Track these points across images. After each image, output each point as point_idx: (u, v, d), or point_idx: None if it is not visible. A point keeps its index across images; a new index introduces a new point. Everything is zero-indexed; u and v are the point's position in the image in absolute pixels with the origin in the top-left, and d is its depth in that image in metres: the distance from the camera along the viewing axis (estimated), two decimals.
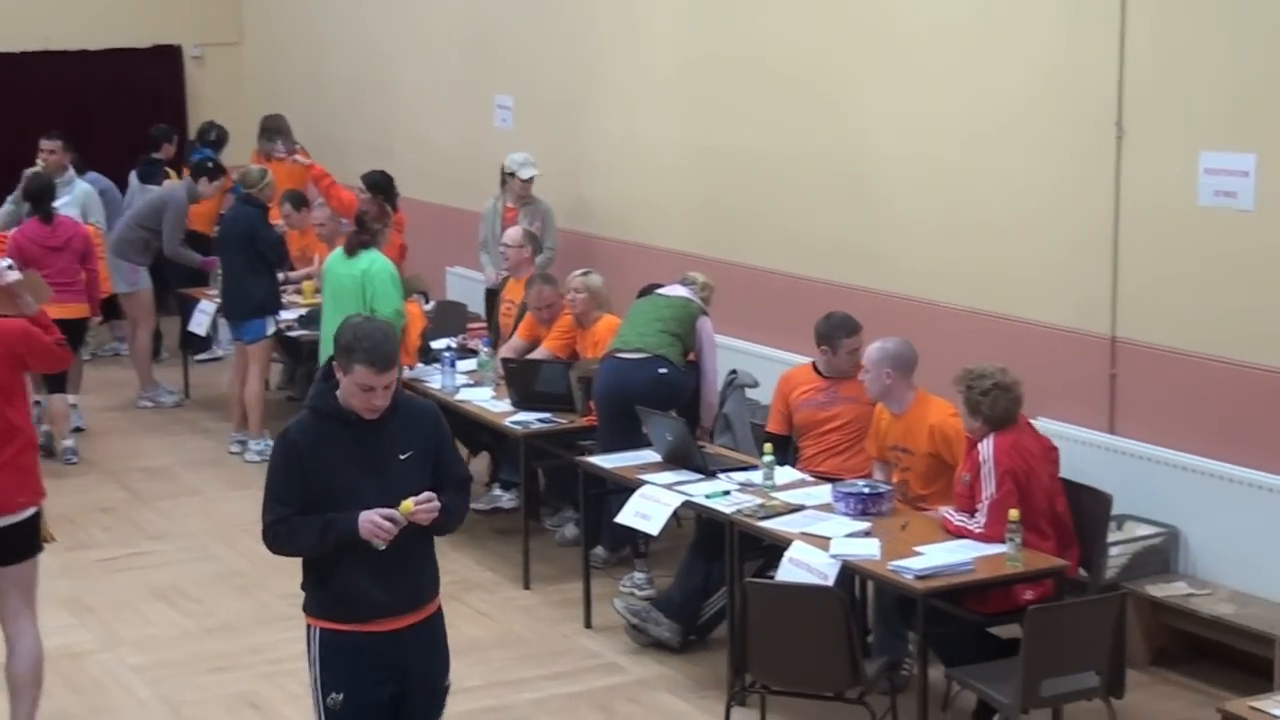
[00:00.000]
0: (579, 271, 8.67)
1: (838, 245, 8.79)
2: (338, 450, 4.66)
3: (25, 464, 5.85)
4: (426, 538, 4.79)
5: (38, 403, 9.74)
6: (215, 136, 13.45)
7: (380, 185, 10.75)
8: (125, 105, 15.03)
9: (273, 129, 12.89)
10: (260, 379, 10.24)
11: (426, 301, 10.25)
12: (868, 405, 7.01)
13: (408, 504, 4.62)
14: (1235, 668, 6.68)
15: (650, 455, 7.34)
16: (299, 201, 11.23)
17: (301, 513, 4.65)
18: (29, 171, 10.95)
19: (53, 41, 14.65)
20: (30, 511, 5.87)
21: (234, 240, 10.22)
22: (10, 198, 11.44)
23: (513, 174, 10.40)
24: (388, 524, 4.60)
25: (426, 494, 4.65)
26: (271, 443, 9.99)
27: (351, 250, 8.89)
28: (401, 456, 4.70)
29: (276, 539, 4.72)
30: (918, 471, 6.68)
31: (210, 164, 11.67)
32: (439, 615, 4.90)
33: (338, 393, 4.66)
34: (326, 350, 8.69)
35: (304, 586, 4.83)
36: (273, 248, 10.20)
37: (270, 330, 10.18)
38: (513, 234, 9.49)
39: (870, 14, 8.43)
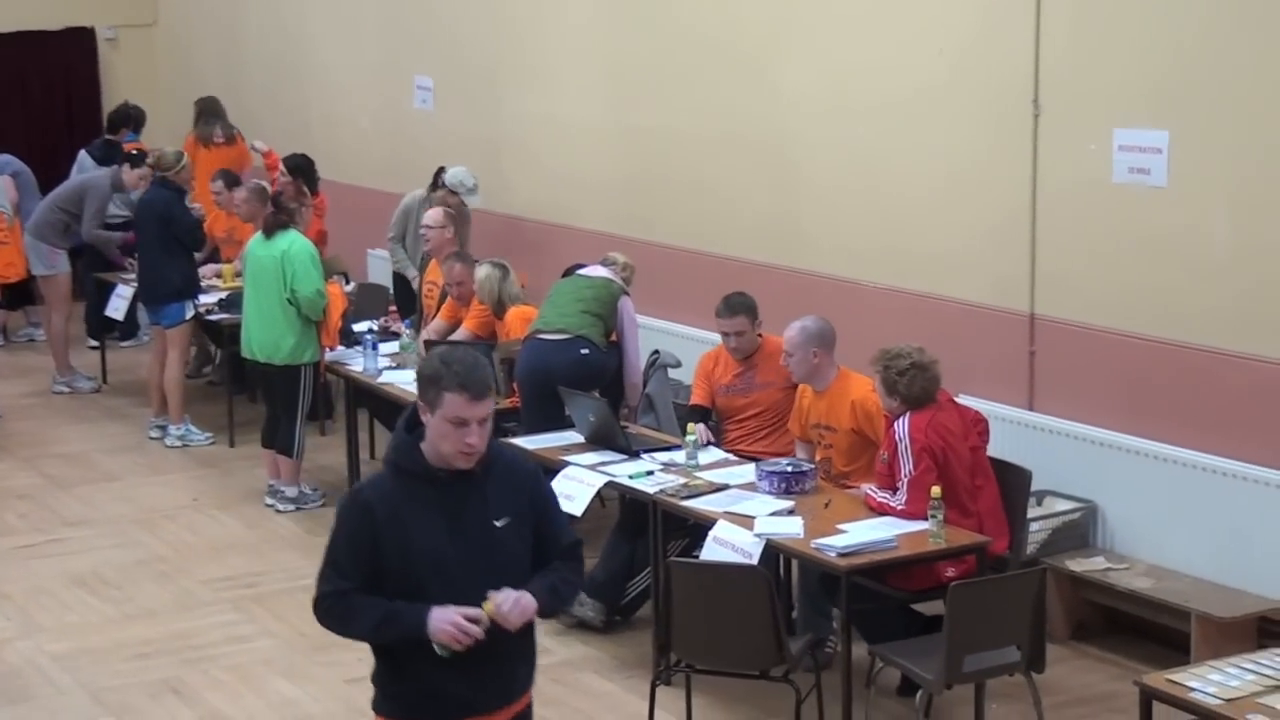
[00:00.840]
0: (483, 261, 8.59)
1: (758, 224, 8.79)
2: (421, 514, 3.93)
3: None
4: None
5: None
6: (133, 115, 13.19)
7: (301, 168, 10.65)
8: (36, 88, 14.77)
9: (210, 112, 12.74)
10: (180, 364, 10.12)
11: (347, 283, 10.16)
12: (785, 389, 7.02)
13: (490, 604, 3.90)
14: (1153, 641, 6.75)
15: (573, 436, 7.32)
16: (231, 181, 11.07)
17: (367, 586, 3.95)
18: None
19: None
20: None
21: (150, 224, 10.07)
22: None
23: (455, 192, 10.18)
24: (473, 628, 3.87)
25: (511, 594, 3.92)
26: (190, 428, 10.16)
27: (270, 231, 8.80)
28: (497, 523, 3.98)
29: (329, 615, 4.02)
30: (840, 449, 6.69)
31: (135, 150, 11.48)
32: (529, 711, 4.20)
33: (422, 445, 3.96)
34: (249, 335, 8.76)
35: (374, 679, 4.12)
36: (189, 231, 10.03)
37: (189, 314, 10.05)
38: (434, 215, 9.40)
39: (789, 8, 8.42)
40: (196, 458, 9.90)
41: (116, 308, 11.08)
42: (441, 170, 10.41)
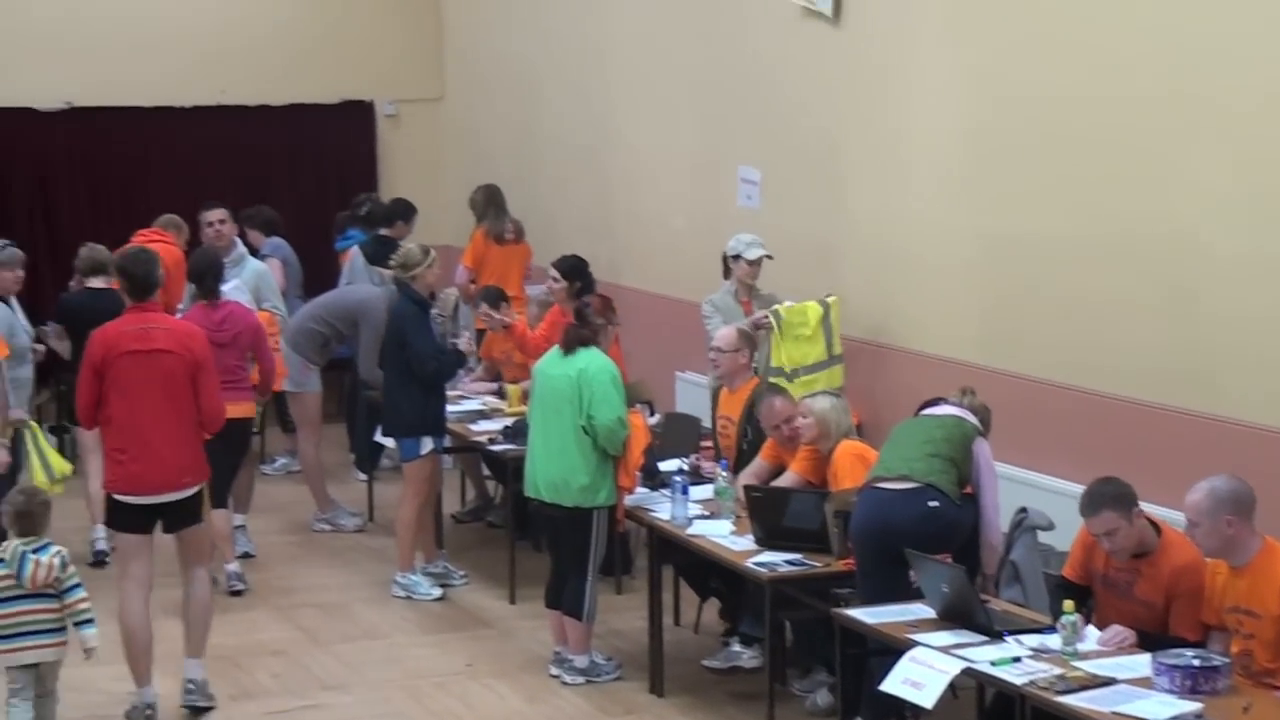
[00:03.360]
0: (809, 393, 8.66)
1: (1152, 354, 8.63)
2: None
3: (196, 450, 8.44)
4: None
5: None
6: (367, 211, 13.68)
7: (575, 271, 10.94)
8: (307, 166, 15.64)
9: (496, 203, 13.21)
10: (412, 504, 10.40)
11: (651, 414, 10.31)
12: (1175, 583, 6.84)
13: None
14: None
15: (922, 609, 7.28)
16: (495, 299, 11.40)
17: None
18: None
19: (229, 96, 15.31)
20: (195, 489, 8.43)
21: (391, 341, 10.42)
22: None
23: (737, 256, 10.43)
24: None
25: None
26: (418, 579, 10.42)
27: (569, 347, 9.00)
28: None
29: None
30: (1265, 639, 6.49)
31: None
32: None
33: None
34: (534, 470, 8.97)
35: None
36: (420, 360, 10.16)
37: (425, 450, 10.32)
38: (725, 336, 9.55)
39: (1195, 82, 8.28)
40: (473, 615, 10.17)
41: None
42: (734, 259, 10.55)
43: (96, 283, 11.09)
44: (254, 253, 13.03)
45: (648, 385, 11.07)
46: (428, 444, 10.32)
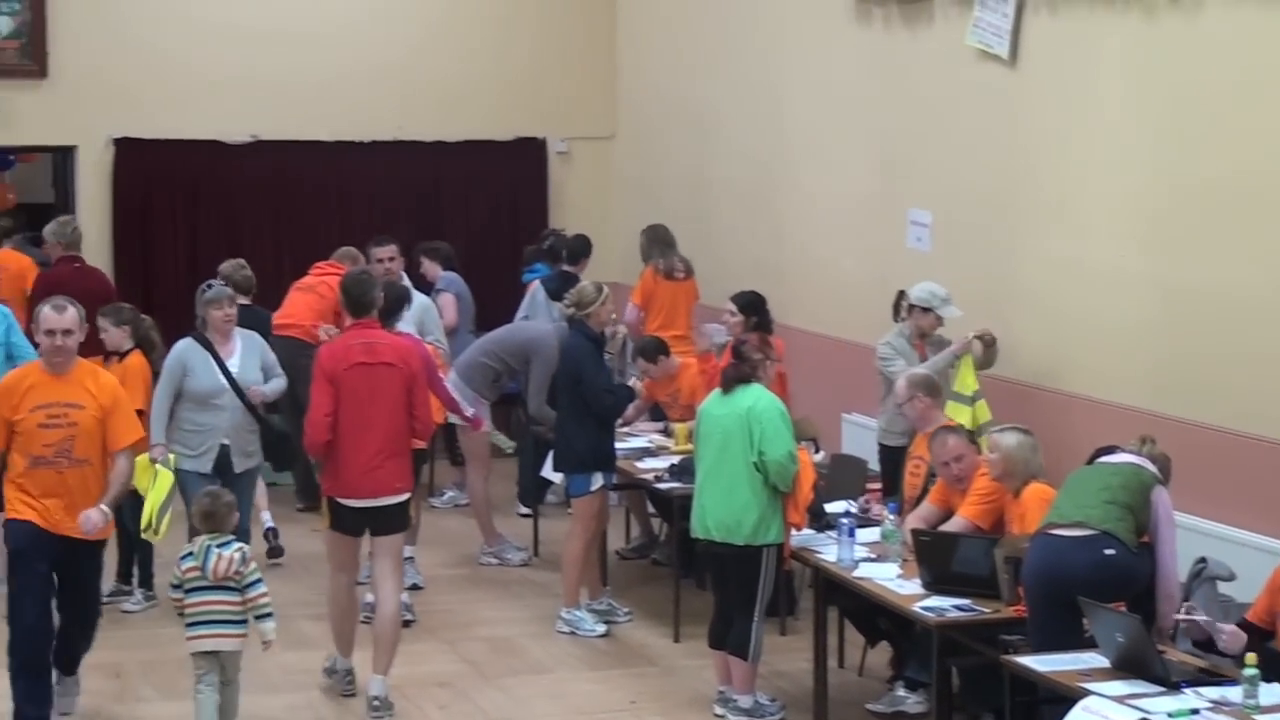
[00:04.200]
0: (998, 427, 8.55)
1: None
2: None
3: (406, 459, 9.10)
4: None
5: None
6: (550, 246, 13.78)
7: (751, 306, 10.93)
8: (480, 201, 15.80)
9: (664, 241, 13.28)
10: (580, 539, 10.39)
11: (816, 451, 10.25)
12: None
13: None
14: None
15: (1095, 658, 7.16)
16: (653, 352, 11.37)
17: None
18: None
19: (405, 131, 15.51)
20: (405, 496, 9.09)
21: (564, 377, 10.45)
22: None
23: (927, 309, 10.38)
24: None
25: None
26: (583, 615, 10.43)
27: (729, 386, 8.98)
28: None
29: None
30: None
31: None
32: None
33: None
34: (702, 509, 8.94)
35: None
36: (596, 395, 10.21)
37: (595, 485, 10.33)
38: (900, 390, 9.50)
39: None
40: (637, 653, 10.15)
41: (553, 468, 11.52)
42: (902, 295, 10.46)
43: (243, 300, 11.57)
44: (428, 286, 13.17)
45: (813, 423, 11.00)
46: (598, 480, 10.32)
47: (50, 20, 14.66)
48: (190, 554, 8.24)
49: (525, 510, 12.67)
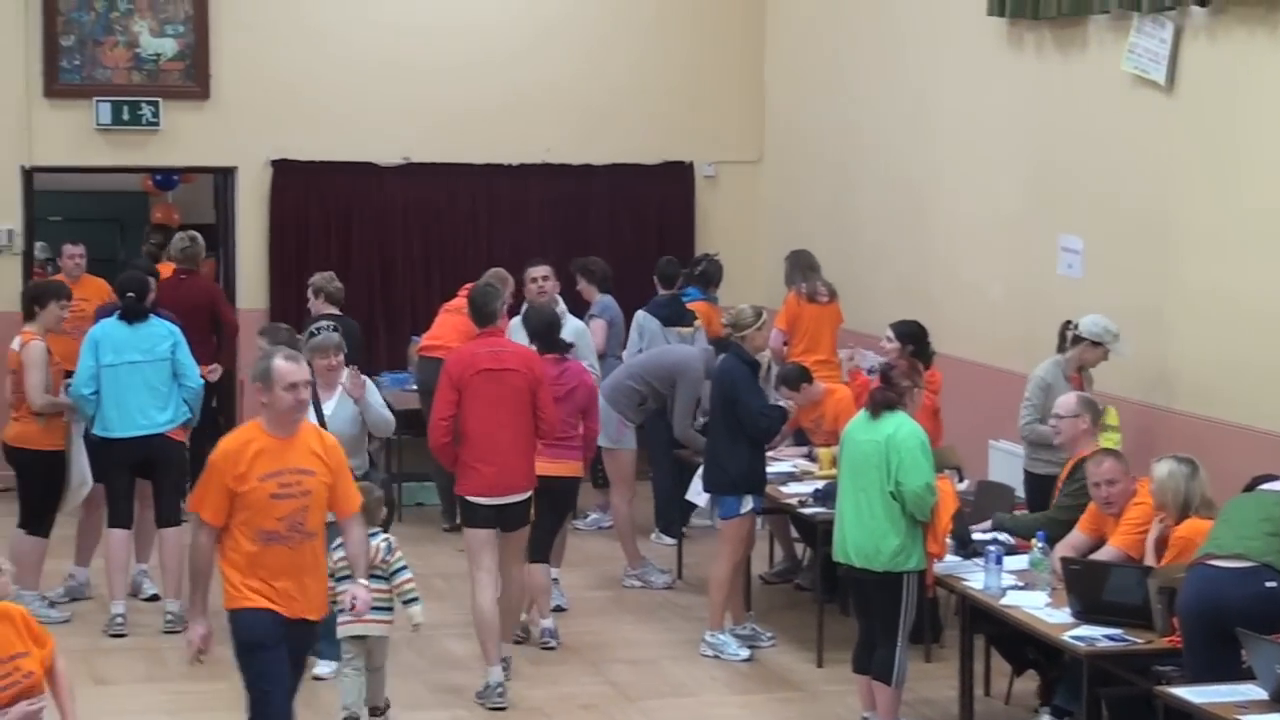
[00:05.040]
0: (1158, 457, 8.37)
1: None
2: None
3: (532, 460, 9.64)
4: None
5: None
6: (701, 271, 13.78)
7: (910, 336, 10.78)
8: (625, 224, 15.80)
9: (808, 266, 13.23)
10: (728, 562, 10.30)
11: (960, 479, 10.13)
12: None
13: None
14: None
15: (1254, 691, 6.98)
16: (795, 380, 11.27)
17: None
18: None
19: (554, 154, 15.55)
20: (529, 494, 9.60)
21: (717, 398, 10.38)
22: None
23: (1097, 343, 10.22)
24: None
25: None
26: (727, 638, 10.33)
27: (876, 411, 8.87)
28: None
29: None
30: None
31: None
32: None
33: None
34: (843, 535, 8.83)
35: None
36: (752, 418, 10.15)
37: (745, 508, 10.24)
38: (1066, 402, 9.30)
39: None
40: (780, 677, 10.07)
41: (698, 492, 11.43)
42: (1069, 325, 10.28)
43: (333, 310, 12.03)
44: (583, 305, 13.15)
45: (956, 451, 10.86)
46: (748, 503, 10.24)
47: (213, 43, 14.86)
48: (340, 544, 8.07)
49: (669, 540, 12.59)
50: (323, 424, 9.24)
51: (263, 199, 15.14)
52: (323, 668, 9.54)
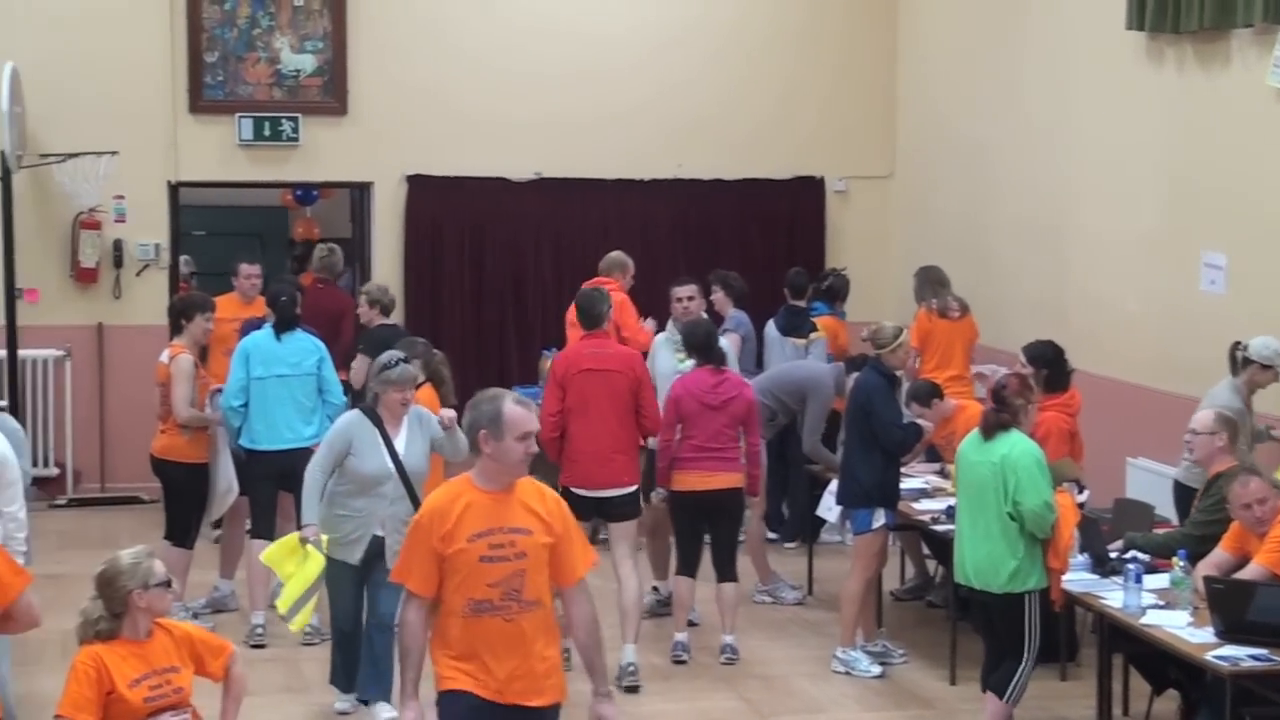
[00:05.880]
0: None
1: None
2: None
3: (634, 456, 10.13)
4: None
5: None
6: (828, 285, 13.74)
7: (1045, 358, 10.52)
8: (756, 238, 15.73)
9: (938, 281, 13.07)
10: (860, 577, 10.18)
11: (1079, 490, 9.92)
12: None
13: None
14: None
15: None
16: (926, 396, 11.11)
17: None
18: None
19: (685, 170, 15.53)
20: (633, 488, 10.07)
21: (853, 412, 10.28)
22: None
23: (1268, 366, 10.01)
24: None
25: None
26: (858, 655, 10.20)
27: (989, 432, 8.73)
28: None
29: None
30: None
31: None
32: None
33: None
34: (962, 555, 8.67)
35: None
36: (887, 429, 10.04)
37: (879, 523, 10.12)
38: (1202, 418, 9.10)
39: None
40: (912, 694, 9.94)
41: (829, 507, 11.29)
42: (1238, 346, 10.04)
43: (387, 319, 12.13)
44: (718, 319, 13.07)
45: (1073, 464, 10.62)
46: (880, 517, 10.12)
47: (350, 59, 14.95)
48: None
49: (790, 545, 12.61)
50: (397, 463, 8.99)
51: (398, 214, 15.22)
52: (342, 703, 9.33)
